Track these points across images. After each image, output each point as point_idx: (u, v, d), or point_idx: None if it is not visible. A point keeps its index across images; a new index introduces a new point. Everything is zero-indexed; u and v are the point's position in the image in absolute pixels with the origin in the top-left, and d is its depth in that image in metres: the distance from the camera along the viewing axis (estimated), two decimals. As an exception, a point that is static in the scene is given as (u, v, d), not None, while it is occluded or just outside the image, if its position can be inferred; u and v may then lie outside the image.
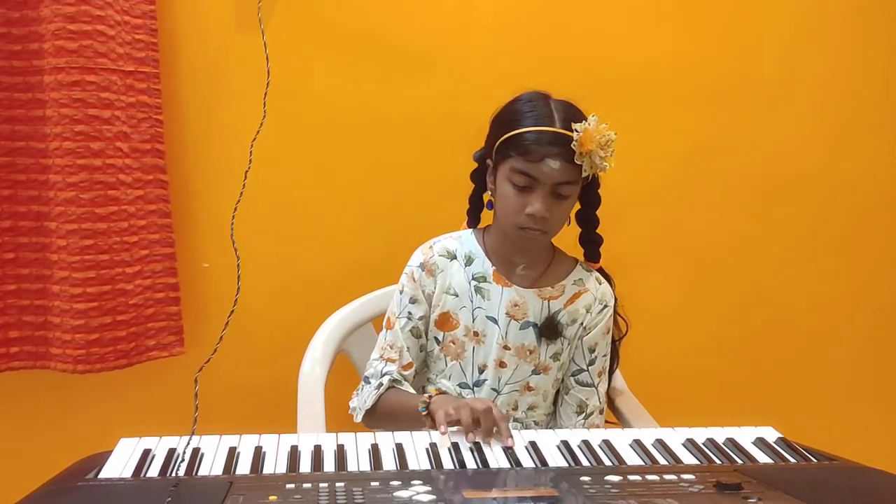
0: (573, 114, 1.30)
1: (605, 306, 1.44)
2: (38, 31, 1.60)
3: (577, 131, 1.27)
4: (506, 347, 1.40)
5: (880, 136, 2.00)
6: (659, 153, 1.92)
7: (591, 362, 1.44)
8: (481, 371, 1.42)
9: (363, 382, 1.45)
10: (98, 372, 1.65)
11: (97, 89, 1.60)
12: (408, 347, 1.43)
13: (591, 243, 1.46)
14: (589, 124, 1.27)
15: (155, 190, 1.71)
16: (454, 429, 1.17)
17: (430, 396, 1.29)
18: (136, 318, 1.69)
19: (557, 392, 1.47)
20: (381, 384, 1.40)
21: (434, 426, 1.18)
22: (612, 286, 1.47)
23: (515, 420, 1.43)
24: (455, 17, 1.81)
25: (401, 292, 1.44)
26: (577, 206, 1.42)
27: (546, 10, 1.84)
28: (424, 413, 1.26)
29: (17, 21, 1.61)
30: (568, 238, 1.45)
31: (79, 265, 1.61)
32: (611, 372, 1.50)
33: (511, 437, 1.14)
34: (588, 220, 1.44)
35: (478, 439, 1.13)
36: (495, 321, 1.40)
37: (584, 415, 1.43)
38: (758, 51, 1.93)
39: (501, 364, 1.41)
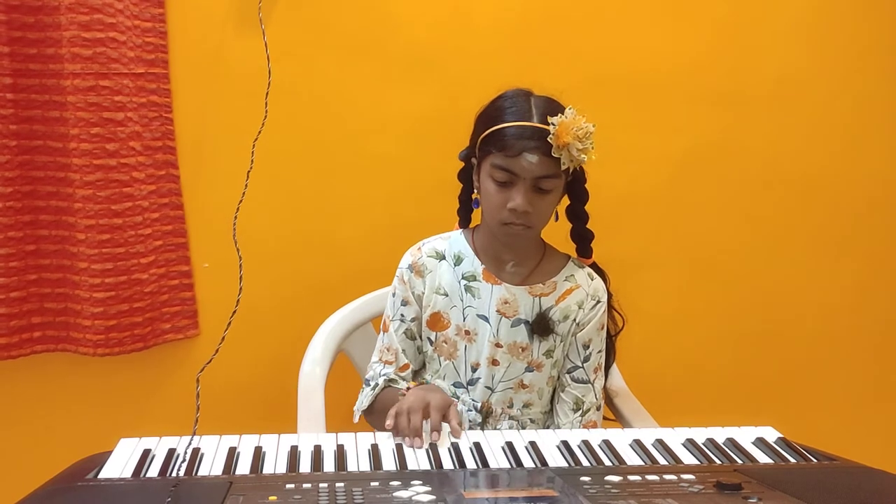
0: (552, 108, 1.26)
1: (598, 302, 1.39)
2: (53, 36, 1.60)
3: (553, 124, 1.22)
4: (498, 345, 1.36)
5: (883, 138, 1.95)
6: (660, 154, 1.88)
7: (586, 359, 1.39)
8: (474, 370, 1.38)
9: (364, 385, 1.43)
10: (117, 355, 1.68)
11: (110, 93, 1.61)
12: (403, 350, 1.41)
13: (583, 239, 1.41)
14: (566, 117, 1.23)
15: (167, 184, 1.73)
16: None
17: (403, 394, 1.25)
18: (151, 304, 1.72)
19: (554, 390, 1.43)
20: (376, 385, 1.38)
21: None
22: (606, 281, 1.42)
23: (511, 418, 1.38)
24: (455, 17, 1.78)
25: (393, 295, 1.42)
26: (567, 202, 1.38)
27: (545, 11, 1.80)
28: None
29: (32, 26, 1.60)
30: (560, 234, 1.41)
31: (97, 258, 1.64)
32: (608, 367, 1.45)
33: (459, 429, 1.13)
34: (577, 216, 1.39)
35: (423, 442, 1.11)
36: (486, 319, 1.36)
37: (580, 412, 1.38)
38: (760, 52, 1.88)
39: (494, 362, 1.36)
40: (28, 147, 1.64)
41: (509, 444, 1.10)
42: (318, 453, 1.03)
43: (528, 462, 1.05)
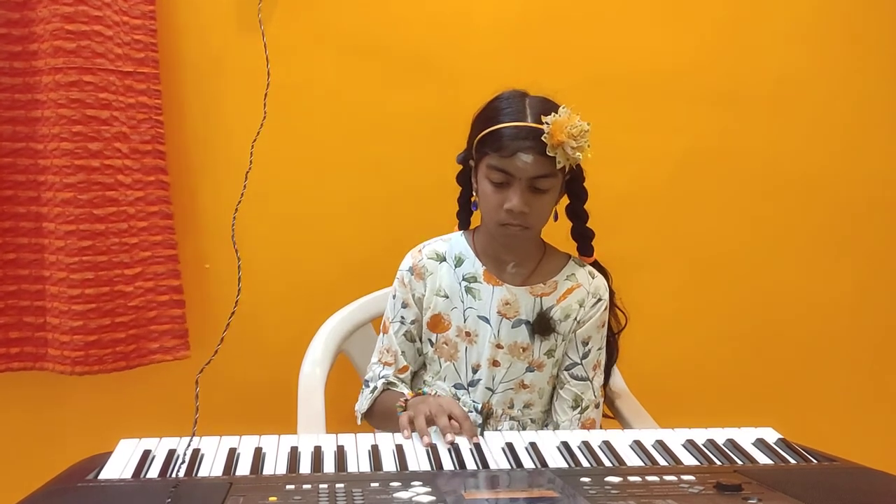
0: (546, 108, 1.31)
1: (599, 300, 1.43)
2: (37, 31, 1.60)
3: (547, 123, 1.27)
4: (499, 346, 1.40)
5: (883, 138, 2.00)
6: (660, 154, 1.92)
7: (585, 356, 1.43)
8: (475, 371, 1.42)
9: (364, 386, 1.47)
10: (96, 374, 1.64)
11: (95, 90, 1.60)
12: (402, 352, 1.45)
13: (583, 238, 1.46)
14: (559, 116, 1.27)
15: (156, 191, 1.70)
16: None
17: (406, 400, 1.31)
18: (136, 320, 1.68)
19: (554, 388, 1.47)
20: (375, 388, 1.43)
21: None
22: (608, 279, 1.47)
23: (512, 419, 1.43)
24: (454, 18, 1.82)
25: (394, 297, 1.46)
26: (567, 202, 1.43)
27: (545, 12, 1.85)
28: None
29: (17, 22, 1.60)
30: (560, 234, 1.46)
31: (77, 266, 1.61)
32: (610, 365, 1.49)
33: (475, 434, 1.16)
34: (577, 215, 1.44)
35: (436, 442, 1.14)
36: (487, 320, 1.41)
37: (579, 409, 1.42)
38: (760, 52, 1.93)
39: (495, 363, 1.41)
40: (9, 150, 1.63)
41: (509, 445, 1.13)
42: (318, 454, 1.06)
43: (528, 463, 1.08)
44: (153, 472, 1.01)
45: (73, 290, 1.61)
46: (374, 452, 1.09)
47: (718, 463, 1.11)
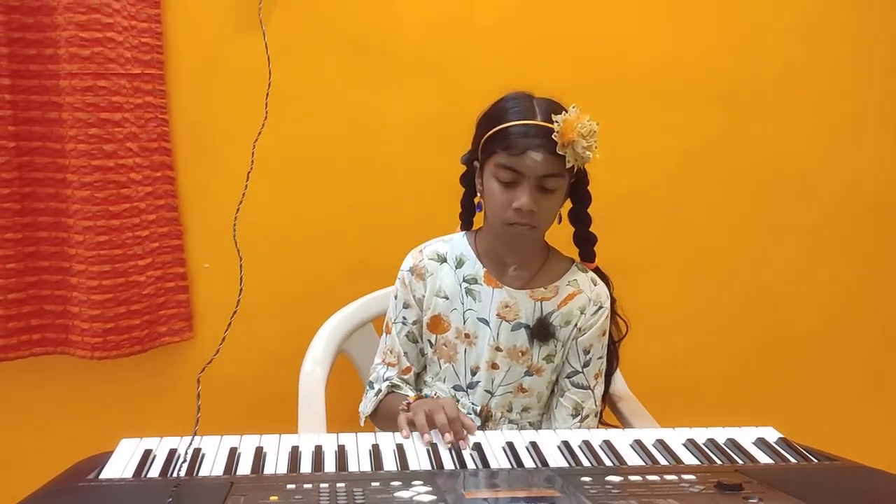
0: (555, 107, 1.27)
1: (600, 307, 1.38)
2: (52, 36, 1.61)
3: (557, 122, 1.23)
4: (497, 349, 1.36)
5: (880, 136, 1.97)
6: (659, 153, 1.89)
7: (587, 364, 1.38)
8: (474, 373, 1.38)
9: (368, 387, 1.44)
10: (114, 358, 1.68)
11: (108, 93, 1.62)
12: (405, 352, 1.41)
13: (586, 242, 1.41)
14: (569, 114, 1.24)
15: (163, 185, 1.74)
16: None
17: (409, 403, 1.27)
18: (148, 306, 1.73)
19: (552, 393, 1.42)
20: (379, 390, 1.39)
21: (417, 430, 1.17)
22: (609, 287, 1.42)
23: (510, 422, 1.39)
24: (455, 18, 1.79)
25: (395, 297, 1.43)
26: (570, 206, 1.39)
27: (545, 12, 1.81)
28: None
29: (32, 26, 1.62)
30: (563, 238, 1.42)
31: (95, 259, 1.64)
32: (610, 373, 1.45)
33: (471, 431, 1.14)
34: (580, 219, 1.39)
35: (436, 441, 1.12)
36: (486, 323, 1.36)
37: (579, 417, 1.38)
38: (758, 51, 1.90)
39: (494, 366, 1.37)
40: (28, 149, 1.65)
41: (510, 445, 1.10)
42: (318, 453, 1.04)
43: (528, 462, 1.06)
44: (154, 471, 0.99)
45: (92, 281, 1.65)
46: (375, 452, 1.06)
47: (719, 462, 1.08)
